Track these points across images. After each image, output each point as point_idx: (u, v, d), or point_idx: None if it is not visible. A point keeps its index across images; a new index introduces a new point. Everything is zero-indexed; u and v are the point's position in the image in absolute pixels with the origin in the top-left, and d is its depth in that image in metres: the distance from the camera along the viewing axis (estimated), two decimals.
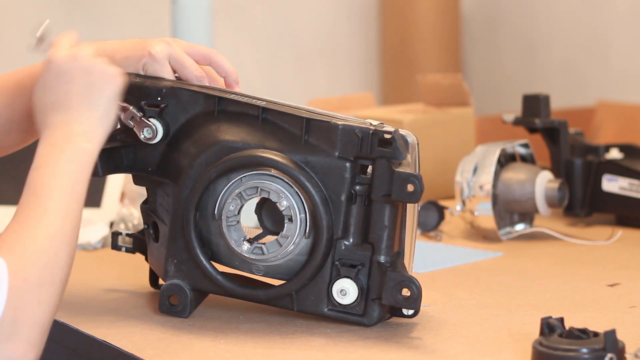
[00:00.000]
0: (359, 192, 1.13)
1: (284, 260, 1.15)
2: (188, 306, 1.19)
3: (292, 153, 1.14)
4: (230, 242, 1.15)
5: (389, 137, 1.11)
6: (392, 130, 1.12)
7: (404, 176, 1.10)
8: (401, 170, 1.10)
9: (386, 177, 1.11)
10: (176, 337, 1.14)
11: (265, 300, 1.17)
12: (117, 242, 1.30)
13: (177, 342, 1.13)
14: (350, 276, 1.13)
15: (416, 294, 1.10)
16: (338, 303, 1.14)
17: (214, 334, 1.15)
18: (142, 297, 1.30)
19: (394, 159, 1.11)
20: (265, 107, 1.16)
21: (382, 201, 1.12)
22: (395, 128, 1.13)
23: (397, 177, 1.10)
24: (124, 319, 1.21)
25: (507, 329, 1.15)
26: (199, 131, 1.18)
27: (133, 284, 1.36)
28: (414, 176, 1.10)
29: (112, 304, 1.27)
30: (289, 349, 1.10)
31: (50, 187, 1.07)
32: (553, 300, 1.27)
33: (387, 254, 1.13)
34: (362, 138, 1.12)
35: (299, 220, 1.13)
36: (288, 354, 1.09)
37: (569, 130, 1.70)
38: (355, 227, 1.13)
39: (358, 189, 1.13)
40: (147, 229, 1.24)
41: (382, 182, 1.11)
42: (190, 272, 1.18)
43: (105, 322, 1.20)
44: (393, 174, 1.10)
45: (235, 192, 1.14)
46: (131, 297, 1.30)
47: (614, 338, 0.94)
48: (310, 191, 1.12)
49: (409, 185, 1.10)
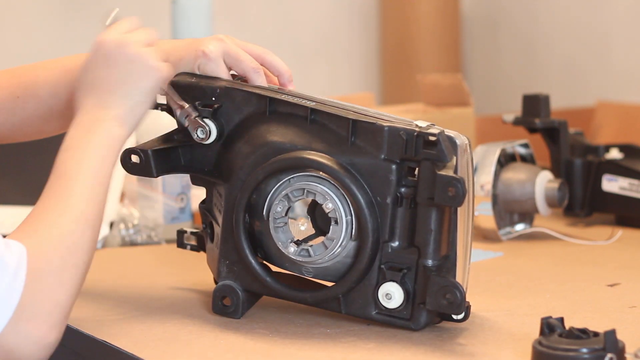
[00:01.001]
0: (405, 195, 1.12)
1: (331, 262, 1.14)
2: (240, 307, 1.18)
3: (338, 155, 1.13)
4: (277, 243, 1.15)
5: (433, 139, 1.09)
6: (437, 132, 1.10)
7: (445, 179, 1.08)
8: (443, 174, 1.08)
9: (430, 179, 1.09)
10: (176, 337, 1.14)
11: (313, 302, 1.16)
12: (183, 240, 1.30)
13: (177, 342, 1.13)
14: (395, 280, 1.12)
15: (459, 299, 1.09)
16: (384, 307, 1.13)
17: (214, 334, 1.15)
18: (142, 297, 1.30)
19: (438, 161, 1.09)
20: (314, 108, 1.15)
21: (427, 204, 1.10)
22: (441, 130, 1.11)
23: (439, 180, 1.08)
24: (124, 319, 1.21)
25: (507, 329, 1.15)
26: (251, 131, 1.17)
27: (133, 284, 1.36)
28: (455, 179, 1.08)
29: (112, 304, 1.27)
30: (289, 349, 1.10)
31: (76, 171, 1.08)
32: (553, 300, 1.27)
33: (434, 257, 1.11)
34: (407, 140, 1.11)
35: (345, 223, 1.12)
36: (288, 354, 1.09)
37: (569, 130, 1.70)
38: (402, 230, 1.12)
39: (404, 191, 1.12)
40: (205, 228, 1.24)
41: (427, 184, 1.09)
42: (241, 273, 1.18)
43: (105, 322, 1.20)
44: (435, 176, 1.09)
45: (283, 193, 1.14)
46: (131, 297, 1.30)
47: (614, 338, 0.94)
48: (356, 194, 1.11)
49: (450, 189, 1.08)
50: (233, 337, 1.14)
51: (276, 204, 1.14)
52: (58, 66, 1.27)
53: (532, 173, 1.61)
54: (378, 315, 1.14)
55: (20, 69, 1.30)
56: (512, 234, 1.63)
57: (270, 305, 1.22)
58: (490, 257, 1.51)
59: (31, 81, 1.28)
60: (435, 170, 1.09)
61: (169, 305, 1.26)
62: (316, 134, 1.15)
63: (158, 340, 1.13)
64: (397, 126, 1.12)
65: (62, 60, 1.28)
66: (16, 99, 1.28)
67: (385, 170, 1.12)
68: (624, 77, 3.62)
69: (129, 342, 1.12)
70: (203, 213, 1.24)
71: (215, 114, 1.19)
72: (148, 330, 1.17)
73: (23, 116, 1.28)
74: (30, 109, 1.28)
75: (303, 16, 4.13)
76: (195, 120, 1.18)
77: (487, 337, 1.13)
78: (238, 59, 1.21)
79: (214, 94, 1.19)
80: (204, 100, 1.19)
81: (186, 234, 1.30)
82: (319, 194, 1.13)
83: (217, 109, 1.19)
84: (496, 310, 1.22)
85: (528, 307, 1.23)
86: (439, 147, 1.09)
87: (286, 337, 1.14)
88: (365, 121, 1.13)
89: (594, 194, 1.68)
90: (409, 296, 1.12)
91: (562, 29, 3.84)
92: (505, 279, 1.38)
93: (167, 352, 1.10)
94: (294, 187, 1.14)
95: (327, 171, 1.12)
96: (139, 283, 1.35)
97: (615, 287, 1.33)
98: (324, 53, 4.19)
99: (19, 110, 1.28)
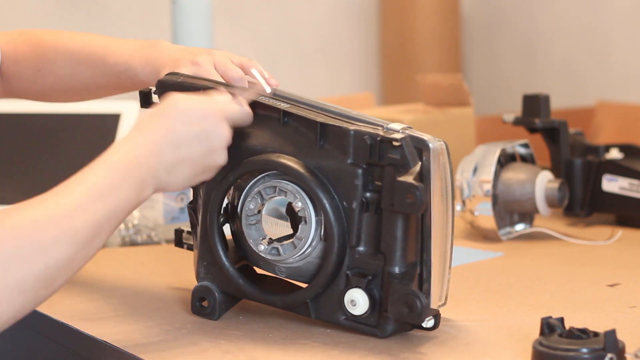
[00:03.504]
0: (371, 200, 1.10)
1: (302, 262, 1.14)
2: (217, 309, 1.18)
3: (307, 158, 1.12)
4: (249, 240, 1.15)
5: (397, 144, 1.07)
6: (401, 137, 1.07)
7: (404, 185, 1.06)
8: (402, 180, 1.06)
9: (392, 185, 1.08)
10: (176, 337, 1.14)
11: (283, 306, 1.16)
12: (181, 239, 1.30)
13: (177, 342, 1.13)
14: (360, 286, 1.10)
15: (419, 308, 1.07)
16: (350, 313, 1.12)
17: (214, 334, 1.15)
18: (142, 297, 1.30)
19: (401, 167, 1.07)
20: (286, 110, 1.15)
21: (391, 210, 1.08)
22: (410, 134, 1.08)
23: (397, 186, 1.06)
24: (124, 319, 1.21)
25: (507, 329, 1.15)
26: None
27: (132, 284, 1.36)
28: (413, 186, 1.06)
29: (112, 304, 1.27)
30: (289, 349, 1.10)
31: (86, 183, 1.01)
32: (553, 300, 1.27)
33: (400, 264, 1.09)
34: (371, 145, 1.09)
35: (315, 222, 1.12)
36: (288, 354, 1.09)
37: (569, 130, 1.70)
38: (368, 235, 1.11)
39: (370, 196, 1.10)
40: (193, 229, 1.24)
41: (389, 190, 1.08)
42: (217, 275, 1.18)
43: (105, 322, 1.20)
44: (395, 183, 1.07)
45: (255, 190, 1.14)
46: (131, 297, 1.30)
47: (614, 338, 0.94)
48: (321, 198, 1.10)
49: (409, 196, 1.06)
50: (233, 337, 1.14)
51: (249, 201, 1.14)
52: (77, 46, 1.32)
53: (532, 173, 1.61)
54: (346, 321, 1.12)
55: (43, 37, 1.35)
56: (512, 234, 1.63)
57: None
58: (490, 257, 1.51)
59: (51, 58, 1.33)
60: (396, 176, 1.07)
61: (169, 305, 1.26)
62: (287, 137, 1.14)
63: (158, 340, 1.13)
64: (362, 130, 1.10)
65: (81, 39, 1.32)
66: (37, 71, 1.34)
67: (351, 175, 1.10)
68: (623, 78, 3.62)
69: (129, 342, 1.12)
70: (190, 213, 1.24)
71: None
72: (148, 330, 1.17)
73: (45, 87, 1.35)
74: (50, 82, 1.34)
75: (303, 16, 4.13)
76: None
77: (487, 337, 1.13)
78: (226, 68, 1.23)
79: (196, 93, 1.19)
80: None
81: (184, 233, 1.30)
82: (290, 193, 1.12)
83: None
84: (496, 310, 1.22)
85: (528, 307, 1.23)
86: (402, 153, 1.07)
87: (286, 337, 1.14)
88: (333, 124, 1.12)
89: (594, 194, 1.68)
90: (375, 303, 1.10)
91: (561, 29, 3.84)
92: (505, 279, 1.38)
93: (167, 352, 1.10)
94: (265, 185, 1.13)
95: (293, 174, 1.11)
96: (139, 283, 1.35)
97: (615, 287, 1.33)
98: (323, 53, 4.19)
99: (41, 81, 1.34)
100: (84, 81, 1.33)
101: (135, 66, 1.27)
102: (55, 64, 1.33)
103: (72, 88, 1.35)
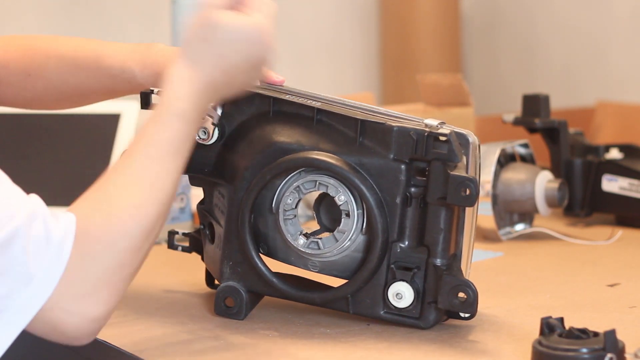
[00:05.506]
0: (415, 195, 1.12)
1: (339, 256, 1.14)
2: (244, 308, 1.18)
3: (347, 155, 1.13)
4: (286, 236, 1.15)
5: (444, 139, 1.10)
6: (448, 132, 1.10)
7: (459, 179, 1.08)
8: (456, 174, 1.09)
9: (441, 179, 1.10)
10: (176, 337, 1.14)
11: (321, 303, 1.16)
12: (174, 242, 1.29)
13: (177, 342, 1.13)
14: (406, 279, 1.12)
15: (472, 297, 1.09)
16: (394, 306, 1.13)
17: (214, 334, 1.15)
18: (142, 297, 1.30)
19: (449, 161, 1.10)
20: (320, 108, 1.15)
21: (437, 204, 1.11)
22: (452, 129, 1.12)
23: (452, 180, 1.09)
24: (124, 319, 1.21)
25: (507, 329, 1.15)
26: (255, 132, 1.17)
27: (133, 284, 1.35)
28: (469, 179, 1.08)
29: None
30: (289, 349, 1.10)
31: (151, 141, 1.03)
32: (553, 300, 1.27)
33: (442, 257, 1.11)
34: (417, 140, 1.11)
35: (356, 216, 1.13)
36: (288, 354, 1.09)
37: (569, 130, 1.70)
38: (411, 229, 1.13)
39: (413, 191, 1.12)
40: (203, 229, 1.24)
41: (438, 184, 1.10)
42: (245, 274, 1.17)
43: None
44: (448, 177, 1.09)
45: (294, 185, 1.14)
46: (131, 297, 1.30)
47: (614, 338, 0.94)
48: (365, 194, 1.11)
49: (463, 189, 1.08)
50: (233, 337, 1.14)
51: (287, 195, 1.14)
52: (69, 50, 1.29)
53: (532, 173, 1.61)
54: (386, 315, 1.14)
55: (34, 42, 1.32)
56: (512, 234, 1.63)
57: (270, 305, 1.22)
58: (490, 257, 1.51)
59: (42, 62, 1.30)
60: (447, 170, 1.09)
61: (169, 306, 1.26)
62: (323, 134, 1.15)
63: (158, 340, 1.13)
64: (406, 126, 1.12)
65: (73, 44, 1.30)
66: (27, 76, 1.31)
67: (395, 170, 1.12)
68: (622, 78, 3.62)
69: (129, 342, 1.12)
70: (202, 214, 1.24)
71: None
72: (148, 330, 1.17)
73: (34, 93, 1.31)
74: (40, 88, 1.30)
75: (303, 17, 4.13)
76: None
77: (487, 337, 1.13)
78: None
79: None
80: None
81: (177, 234, 1.30)
82: (332, 186, 1.13)
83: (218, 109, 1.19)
84: (496, 310, 1.22)
85: (528, 307, 1.23)
86: (450, 147, 1.10)
87: (286, 337, 1.14)
88: (374, 121, 1.13)
89: (594, 194, 1.68)
90: (418, 295, 1.12)
91: (560, 29, 3.84)
92: (505, 279, 1.38)
93: (167, 352, 1.10)
94: (305, 179, 1.14)
95: (335, 171, 1.12)
96: (139, 283, 1.34)
97: (615, 287, 1.33)
98: (324, 53, 4.19)
99: (30, 87, 1.31)
100: (76, 86, 1.31)
101: (132, 69, 1.26)
102: (47, 68, 1.31)
103: (63, 94, 1.32)
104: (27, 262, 0.94)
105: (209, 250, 1.23)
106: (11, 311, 0.95)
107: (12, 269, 0.94)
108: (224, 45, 1.06)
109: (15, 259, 0.94)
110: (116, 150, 1.71)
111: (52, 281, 0.96)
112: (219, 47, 1.06)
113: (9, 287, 0.94)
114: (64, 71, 1.30)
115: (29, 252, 0.94)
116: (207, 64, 1.06)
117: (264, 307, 1.21)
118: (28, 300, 0.95)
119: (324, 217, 1.19)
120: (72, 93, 1.31)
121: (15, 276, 0.94)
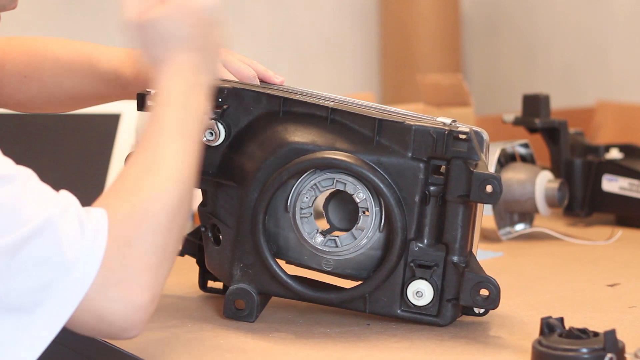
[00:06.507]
0: (433, 193, 1.13)
1: (356, 254, 1.14)
2: (255, 310, 1.17)
3: (364, 154, 1.13)
4: (303, 234, 1.14)
5: (464, 137, 1.11)
6: (467, 130, 1.11)
7: (483, 177, 1.09)
8: (480, 172, 1.09)
9: (462, 177, 1.10)
10: (176, 337, 1.14)
11: (338, 303, 1.16)
12: None
13: (177, 342, 1.13)
14: (425, 277, 1.12)
15: (495, 293, 1.11)
16: (413, 304, 1.13)
17: (214, 335, 1.15)
18: None
19: (468, 159, 1.11)
20: (334, 107, 1.15)
21: (457, 202, 1.11)
22: (470, 127, 1.12)
23: (476, 178, 1.09)
24: None
25: (507, 329, 1.15)
26: (265, 133, 1.17)
27: None
28: (493, 177, 1.09)
29: None
30: (289, 349, 1.10)
31: (171, 128, 1.05)
32: (553, 300, 1.27)
33: (461, 254, 1.12)
34: (437, 139, 1.12)
35: (374, 213, 1.13)
36: (288, 353, 1.09)
37: (569, 130, 1.70)
38: (429, 227, 1.13)
39: (432, 189, 1.13)
40: (204, 231, 1.22)
41: (458, 182, 1.11)
42: (257, 276, 1.17)
43: None
44: (471, 175, 1.10)
45: (311, 183, 1.14)
46: None
47: (614, 338, 0.94)
48: (385, 192, 1.11)
49: (488, 187, 1.09)
50: (233, 337, 1.14)
51: (303, 193, 1.14)
52: (65, 54, 1.29)
53: (532, 173, 1.61)
54: (403, 313, 1.14)
55: (31, 44, 1.32)
56: (512, 234, 1.63)
57: (270, 305, 1.22)
58: (490, 257, 1.51)
59: (39, 65, 1.30)
60: (470, 168, 1.10)
61: (169, 306, 1.26)
62: (338, 134, 1.14)
63: (158, 340, 1.13)
64: (425, 125, 1.12)
65: (69, 47, 1.30)
66: (23, 78, 1.31)
67: (414, 169, 1.12)
68: (622, 78, 3.62)
69: (129, 342, 1.12)
70: (204, 216, 1.23)
71: (223, 115, 1.18)
72: (148, 330, 1.16)
73: (28, 95, 1.32)
74: (35, 90, 1.31)
75: (303, 16, 4.13)
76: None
77: (487, 337, 1.13)
78: (239, 67, 1.23)
79: (221, 95, 1.18)
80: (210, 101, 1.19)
81: None
82: (350, 184, 1.13)
83: (224, 110, 1.18)
84: (496, 310, 1.22)
85: (528, 307, 1.23)
86: (470, 145, 1.11)
87: (286, 337, 1.14)
88: (392, 120, 1.13)
89: (594, 194, 1.68)
90: (437, 293, 1.13)
91: (561, 29, 3.84)
92: (505, 279, 1.38)
93: (168, 352, 1.10)
94: (322, 177, 1.14)
95: (354, 171, 1.12)
96: None
97: (615, 287, 1.33)
98: (324, 53, 4.19)
99: (25, 89, 1.31)
100: (71, 90, 1.31)
101: (127, 75, 1.26)
102: (43, 71, 1.31)
103: (56, 97, 1.32)
104: (64, 252, 0.94)
105: (213, 252, 1.21)
106: (53, 301, 0.95)
107: (50, 259, 0.94)
108: (170, 30, 1.09)
109: (51, 248, 0.94)
110: (116, 150, 1.71)
111: (92, 269, 0.96)
112: (169, 35, 1.08)
113: (49, 277, 0.94)
114: (59, 74, 1.30)
115: (65, 242, 0.95)
116: (175, 52, 1.08)
117: (264, 307, 1.21)
118: (70, 288, 0.95)
119: (333, 216, 1.18)
120: (66, 96, 1.32)
121: (53, 266, 0.94)
